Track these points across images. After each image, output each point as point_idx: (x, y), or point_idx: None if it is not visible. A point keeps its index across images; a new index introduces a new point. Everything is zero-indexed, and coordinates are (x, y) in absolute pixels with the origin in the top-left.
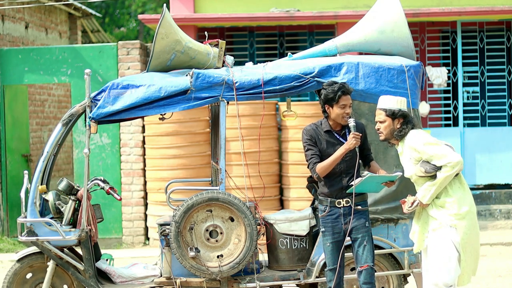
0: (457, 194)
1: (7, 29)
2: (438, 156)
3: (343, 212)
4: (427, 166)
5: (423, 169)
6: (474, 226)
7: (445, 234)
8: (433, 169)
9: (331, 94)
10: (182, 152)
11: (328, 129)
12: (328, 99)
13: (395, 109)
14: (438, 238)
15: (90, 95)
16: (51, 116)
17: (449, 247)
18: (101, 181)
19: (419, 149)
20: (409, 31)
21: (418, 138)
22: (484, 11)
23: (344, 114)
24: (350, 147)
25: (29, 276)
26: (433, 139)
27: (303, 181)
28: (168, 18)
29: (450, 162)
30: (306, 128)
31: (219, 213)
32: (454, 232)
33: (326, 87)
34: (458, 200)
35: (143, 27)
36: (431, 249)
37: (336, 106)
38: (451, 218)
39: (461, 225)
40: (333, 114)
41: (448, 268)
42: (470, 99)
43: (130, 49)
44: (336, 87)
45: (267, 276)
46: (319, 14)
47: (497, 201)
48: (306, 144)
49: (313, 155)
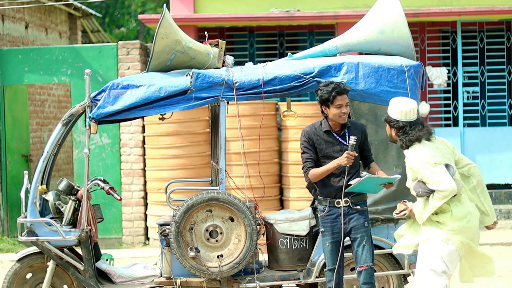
0: (454, 211)
1: (7, 29)
2: (432, 180)
3: (343, 212)
4: (419, 189)
5: (415, 193)
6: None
7: (434, 247)
8: (426, 192)
9: (326, 94)
10: (182, 152)
11: (327, 129)
12: (324, 100)
13: (391, 119)
14: (426, 250)
15: (90, 95)
16: (51, 116)
17: (435, 261)
18: (101, 181)
19: (415, 169)
20: (409, 31)
21: (414, 157)
22: (484, 11)
23: (341, 114)
24: (341, 164)
25: (29, 276)
26: (431, 159)
27: (303, 181)
28: (168, 18)
29: (443, 190)
30: (305, 130)
31: (219, 213)
32: (444, 246)
33: (322, 88)
34: (453, 216)
35: (143, 27)
36: (419, 260)
37: (332, 107)
38: (443, 233)
39: (455, 238)
40: (330, 114)
41: (431, 281)
42: (470, 99)
43: (130, 49)
44: (331, 88)
45: (267, 276)
46: (319, 14)
47: (497, 201)
48: (302, 147)
49: (308, 159)
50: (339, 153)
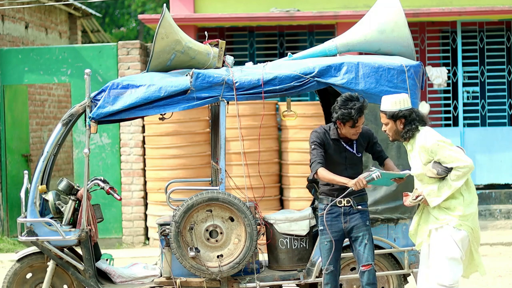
0: (463, 196)
1: (7, 29)
2: (451, 159)
3: (344, 211)
4: (439, 168)
5: (435, 171)
6: (476, 225)
7: (448, 234)
8: (445, 171)
9: (347, 117)
10: (182, 152)
11: (335, 138)
12: (345, 118)
13: (394, 110)
14: (441, 239)
15: (90, 95)
16: (51, 116)
17: (451, 248)
18: (101, 181)
19: (432, 149)
20: (409, 31)
21: (430, 137)
22: (484, 11)
23: (355, 133)
24: (348, 185)
25: (29, 276)
26: (446, 140)
27: (303, 181)
28: (168, 18)
29: (464, 166)
30: (316, 130)
31: (219, 213)
32: (457, 232)
33: (342, 106)
34: (464, 202)
35: (143, 27)
36: (433, 249)
37: (349, 126)
38: (455, 219)
39: (466, 224)
40: (344, 130)
41: (451, 269)
42: (470, 99)
43: (130, 49)
44: (354, 111)
45: (267, 276)
46: (319, 14)
47: (497, 201)
48: (313, 144)
49: (319, 155)
50: (345, 159)
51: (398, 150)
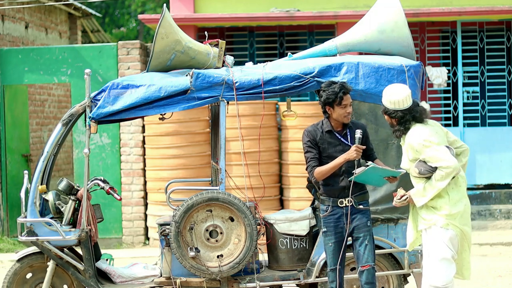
0: (450, 195)
1: (7, 29)
2: (435, 159)
3: (345, 212)
4: (422, 167)
5: (417, 170)
6: (465, 224)
7: (436, 234)
8: (428, 171)
9: (332, 95)
10: (182, 152)
11: (329, 129)
12: (330, 101)
13: (390, 110)
14: (430, 239)
15: (90, 95)
16: (51, 116)
17: (441, 248)
18: (101, 181)
19: (417, 149)
20: (409, 31)
21: (417, 136)
22: (484, 11)
23: (346, 114)
24: (349, 158)
25: (29, 276)
26: (435, 139)
27: (303, 181)
28: (168, 18)
29: (447, 167)
30: (307, 129)
31: (219, 213)
32: (445, 232)
33: (326, 89)
34: (450, 201)
35: (143, 27)
36: (424, 250)
37: (337, 107)
38: (441, 219)
39: (452, 223)
40: (335, 114)
41: (442, 269)
42: (470, 99)
43: (130, 49)
44: (337, 88)
45: (267, 276)
46: (319, 14)
47: (497, 201)
48: (305, 146)
49: (312, 158)
50: (341, 153)
51: (398, 150)
